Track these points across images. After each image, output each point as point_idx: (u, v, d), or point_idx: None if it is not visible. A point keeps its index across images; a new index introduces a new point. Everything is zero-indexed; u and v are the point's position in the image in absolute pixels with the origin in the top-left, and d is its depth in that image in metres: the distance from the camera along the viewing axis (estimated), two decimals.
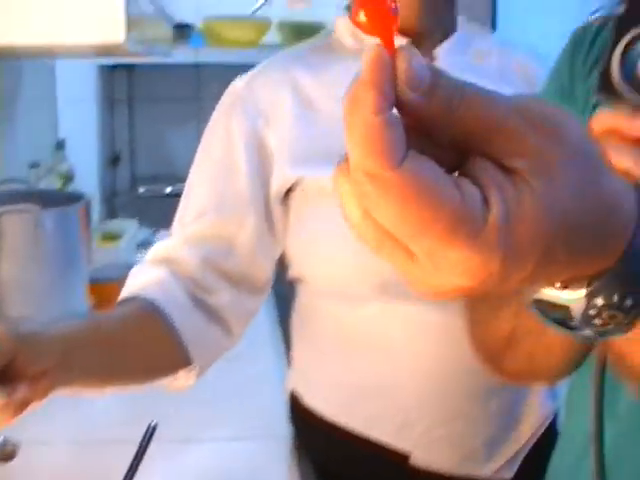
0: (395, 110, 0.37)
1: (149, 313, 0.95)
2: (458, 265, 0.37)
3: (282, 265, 1.10)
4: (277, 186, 1.02)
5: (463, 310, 0.85)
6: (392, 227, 0.37)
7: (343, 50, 1.09)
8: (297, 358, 1.16)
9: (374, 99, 0.36)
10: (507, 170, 0.37)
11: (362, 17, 0.38)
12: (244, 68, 1.10)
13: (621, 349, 0.55)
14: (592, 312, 0.44)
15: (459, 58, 1.07)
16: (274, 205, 1.03)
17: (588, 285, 0.43)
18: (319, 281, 1.06)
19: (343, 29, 1.10)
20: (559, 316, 0.45)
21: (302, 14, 2.66)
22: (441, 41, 1.08)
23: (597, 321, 0.44)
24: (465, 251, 0.36)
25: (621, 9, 0.55)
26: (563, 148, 0.38)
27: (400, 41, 1.02)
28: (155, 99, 2.98)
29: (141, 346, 0.93)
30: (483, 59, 1.09)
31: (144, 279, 0.98)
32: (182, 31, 2.58)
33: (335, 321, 1.06)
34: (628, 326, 0.45)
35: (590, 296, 0.43)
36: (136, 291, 0.96)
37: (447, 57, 1.06)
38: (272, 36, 2.62)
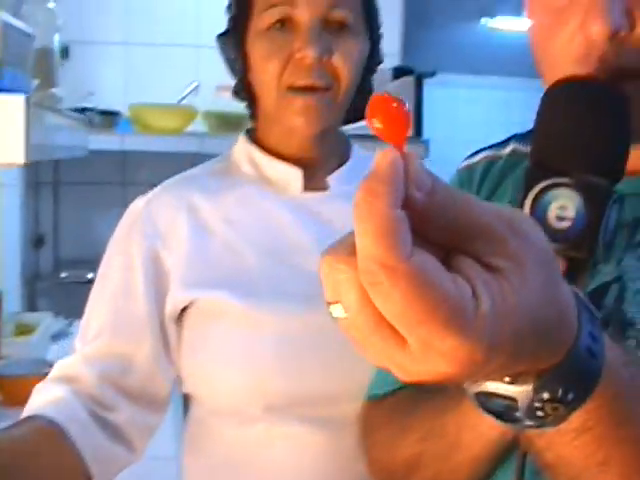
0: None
1: (49, 432, 0.95)
2: (449, 353, 0.40)
3: None
4: (172, 306, 1.05)
5: (362, 432, 0.89)
6: (394, 315, 0.40)
7: (240, 175, 1.13)
8: (187, 472, 1.15)
9: (391, 194, 0.40)
10: (489, 268, 0.42)
11: (377, 123, 0.42)
12: (169, 155, 1.14)
13: (547, 441, 0.57)
14: (537, 404, 0.48)
15: (351, 186, 1.11)
16: (169, 324, 1.06)
17: (536, 379, 0.47)
18: (209, 400, 1.07)
19: (241, 155, 1.14)
20: (502, 408, 0.49)
21: (228, 104, 2.72)
22: (334, 170, 1.12)
23: (540, 413, 0.48)
24: (458, 340, 0.40)
25: (530, 161, 0.63)
26: (535, 253, 0.43)
27: (294, 171, 1.09)
28: (81, 183, 2.98)
29: (41, 467, 0.93)
30: None
31: (45, 398, 0.99)
32: (110, 118, 2.62)
33: (224, 439, 1.07)
34: (565, 418, 0.49)
35: (537, 390, 0.47)
36: (36, 410, 0.97)
37: (339, 185, 1.11)
38: (198, 124, 2.67)
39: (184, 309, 1.06)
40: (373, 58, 1.12)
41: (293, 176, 1.10)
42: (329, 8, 1.03)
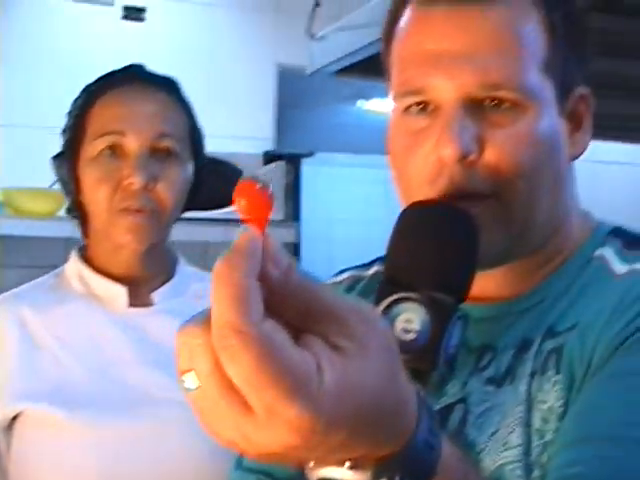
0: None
1: None
2: (291, 421, 0.43)
3: None
4: (1, 416, 1.09)
5: None
6: (242, 378, 0.42)
7: (70, 291, 1.19)
8: None
9: (246, 265, 0.43)
10: (335, 347, 0.45)
11: (241, 205, 0.46)
12: (42, 239, 1.17)
13: None
14: None
15: (175, 301, 1.19)
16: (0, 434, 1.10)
17: (374, 466, 0.49)
18: None
19: (72, 271, 1.20)
20: None
21: None
22: (160, 286, 1.21)
23: None
24: (300, 408, 0.42)
25: (383, 277, 0.69)
26: (379, 339, 0.46)
27: (119, 288, 1.17)
28: None
29: None
30: (200, 299, 1.21)
31: None
32: None
33: None
34: None
35: (375, 476, 0.49)
36: None
37: (164, 301, 1.19)
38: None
39: (14, 418, 1.09)
40: (198, 178, 1.22)
41: (118, 293, 1.17)
42: (156, 138, 1.13)
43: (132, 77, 1.19)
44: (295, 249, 3.02)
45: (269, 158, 2.79)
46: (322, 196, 3.28)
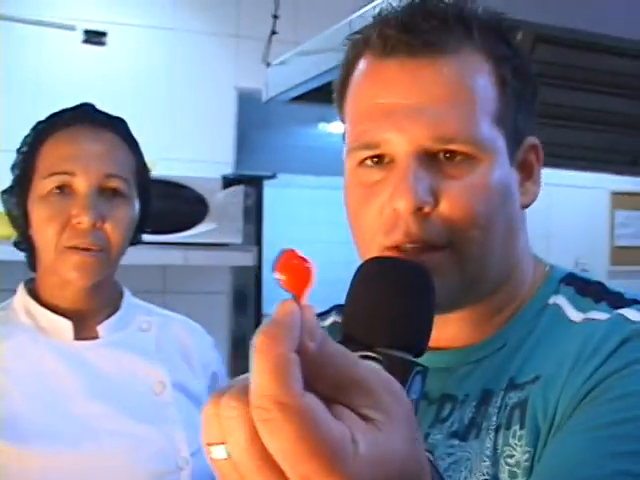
0: None
1: None
2: None
3: None
4: None
5: None
6: (282, 451, 0.43)
7: (18, 324, 1.20)
8: None
9: (288, 339, 0.44)
10: (365, 418, 0.46)
11: (281, 276, 0.48)
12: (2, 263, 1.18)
13: None
14: None
15: (120, 334, 1.23)
16: None
17: None
18: None
19: (19, 304, 1.22)
20: None
21: None
22: (105, 319, 1.23)
23: None
24: (338, 479, 0.43)
25: (341, 334, 0.69)
26: (403, 410, 0.48)
27: (65, 321, 1.19)
28: None
29: None
30: (145, 332, 1.25)
31: None
32: None
33: None
34: None
35: None
36: None
37: (110, 333, 1.22)
38: None
39: None
40: (144, 215, 1.26)
41: (64, 326, 1.19)
42: (105, 178, 1.17)
43: (82, 117, 1.21)
44: (256, 273, 3.02)
45: (228, 182, 2.80)
46: (284, 218, 3.30)
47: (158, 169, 3.18)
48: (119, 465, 1.09)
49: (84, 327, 1.21)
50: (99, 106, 1.24)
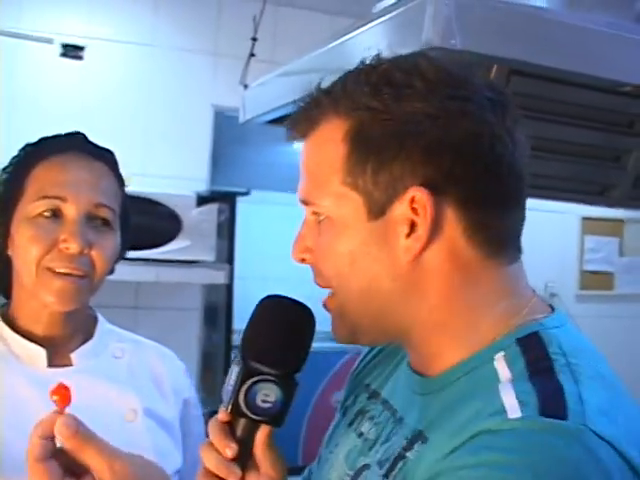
0: None
1: None
2: None
3: None
4: None
5: None
6: None
7: None
8: None
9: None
10: None
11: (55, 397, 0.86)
12: None
13: None
14: None
15: (94, 360, 1.24)
16: None
17: None
18: None
19: None
20: None
21: None
22: (78, 346, 1.24)
23: None
24: None
25: (242, 361, 0.88)
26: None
27: (38, 348, 1.20)
28: None
29: None
30: (118, 359, 1.27)
31: None
32: None
33: None
34: None
35: None
36: None
37: (83, 360, 1.23)
38: None
39: None
40: (123, 244, 1.29)
41: (38, 354, 1.20)
42: (94, 207, 1.18)
43: (74, 145, 1.23)
44: (227, 290, 3.03)
45: (202, 199, 2.82)
46: (258, 234, 3.31)
47: (133, 185, 3.18)
48: None
49: (57, 354, 1.22)
50: (75, 120, 1.25)
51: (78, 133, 1.26)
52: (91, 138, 1.26)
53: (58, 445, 0.92)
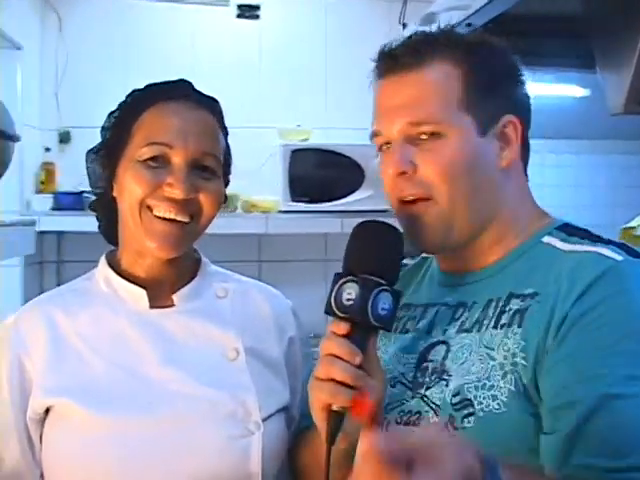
0: None
1: None
2: None
3: None
4: (33, 410, 1.17)
5: (292, 448, 1.25)
6: None
7: (98, 293, 1.26)
8: None
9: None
10: None
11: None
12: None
13: None
14: None
15: (196, 301, 1.26)
16: (32, 426, 1.18)
17: None
18: None
19: (100, 275, 1.28)
20: None
21: None
22: (181, 287, 1.26)
23: None
24: None
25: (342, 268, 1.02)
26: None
27: (140, 291, 1.23)
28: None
29: None
30: (220, 299, 1.28)
31: None
32: None
33: None
34: None
35: None
36: None
37: (184, 301, 1.25)
38: None
39: (45, 412, 1.17)
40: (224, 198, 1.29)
41: (140, 295, 1.23)
42: (200, 155, 1.19)
43: (182, 92, 1.24)
44: None
45: None
46: None
47: (314, 138, 3.22)
48: (192, 428, 1.13)
49: (160, 295, 1.24)
50: (260, 79, 1.25)
51: (184, 81, 1.27)
52: (268, 96, 1.26)
53: None
